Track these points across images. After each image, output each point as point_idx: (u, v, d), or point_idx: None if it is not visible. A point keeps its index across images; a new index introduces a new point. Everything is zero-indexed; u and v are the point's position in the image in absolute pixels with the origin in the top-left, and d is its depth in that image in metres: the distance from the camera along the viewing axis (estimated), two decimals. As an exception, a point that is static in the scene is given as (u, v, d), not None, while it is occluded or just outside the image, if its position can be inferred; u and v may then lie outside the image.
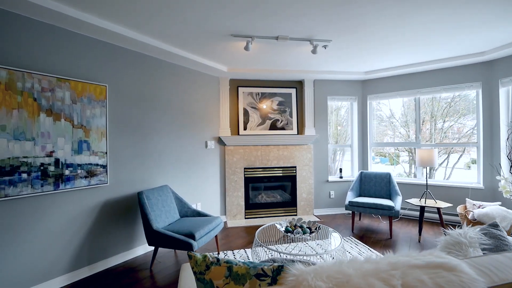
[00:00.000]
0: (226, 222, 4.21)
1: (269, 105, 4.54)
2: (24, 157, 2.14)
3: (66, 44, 2.46)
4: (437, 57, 3.67)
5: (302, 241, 3.12)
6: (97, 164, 2.64)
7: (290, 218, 2.92)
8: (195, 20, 2.53)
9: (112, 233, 2.79)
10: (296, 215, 4.56)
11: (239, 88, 4.45)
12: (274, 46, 3.20)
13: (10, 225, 2.09)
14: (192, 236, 2.48)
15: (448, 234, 1.39)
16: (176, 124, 3.56)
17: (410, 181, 4.41)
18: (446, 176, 4.54)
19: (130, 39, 2.75)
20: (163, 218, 2.78)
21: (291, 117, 4.60)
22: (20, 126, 2.13)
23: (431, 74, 4.08)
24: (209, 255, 1.03)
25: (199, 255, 1.03)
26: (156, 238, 2.54)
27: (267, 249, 2.31)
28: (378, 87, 4.59)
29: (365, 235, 3.55)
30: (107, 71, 2.78)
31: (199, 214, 3.11)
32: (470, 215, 3.18)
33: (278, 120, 4.55)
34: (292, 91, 4.64)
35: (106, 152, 2.72)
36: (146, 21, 2.52)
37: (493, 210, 2.99)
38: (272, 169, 4.51)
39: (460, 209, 3.47)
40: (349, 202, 3.71)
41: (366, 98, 4.72)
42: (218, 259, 1.00)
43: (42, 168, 2.25)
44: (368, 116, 4.73)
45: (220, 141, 4.27)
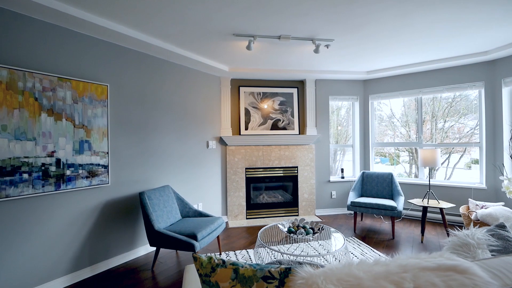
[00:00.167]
0: (228, 222, 4.19)
1: (270, 105, 4.52)
2: (25, 157, 2.13)
3: (67, 43, 2.44)
4: (439, 56, 3.65)
5: (305, 241, 3.11)
6: (98, 164, 2.62)
7: (292, 219, 2.90)
8: (197, 19, 2.51)
9: (114, 233, 2.77)
10: (297, 215, 4.54)
11: (241, 88, 4.43)
12: (276, 45, 3.18)
13: (11, 226, 2.08)
14: (194, 236, 2.46)
15: (454, 235, 1.37)
16: (177, 124, 3.54)
17: (412, 181, 4.40)
18: (447, 176, 4.52)
19: (132, 38, 2.73)
20: (164, 218, 2.76)
21: (293, 117, 4.58)
22: (21, 126, 2.11)
23: (434, 73, 4.06)
24: (214, 257, 1.01)
25: (204, 257, 1.01)
26: (158, 238, 2.52)
27: (269, 250, 2.29)
28: (380, 87, 4.57)
29: (367, 235, 3.54)
30: (109, 71, 2.76)
31: (200, 214, 3.09)
32: (473, 215, 3.16)
33: (280, 120, 4.54)
34: (294, 91, 4.62)
35: (108, 152, 2.70)
36: (147, 20, 2.51)
37: (496, 210, 2.98)
38: (274, 169, 4.49)
39: (463, 209, 3.45)
40: (351, 202, 3.69)
41: (368, 98, 4.70)
42: (223, 261, 0.99)
43: (43, 168, 2.23)
44: (370, 116, 4.71)
45: (221, 141, 4.25)
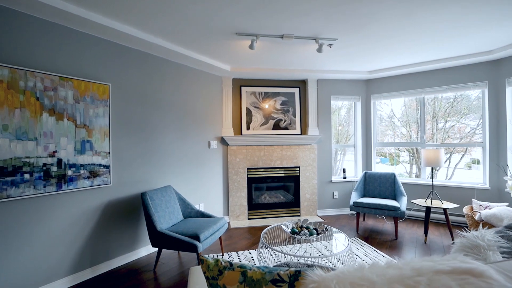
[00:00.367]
0: (229, 222, 4.17)
1: (272, 104, 4.50)
2: (26, 157, 2.10)
3: (69, 42, 2.42)
4: (443, 56, 3.63)
5: (308, 242, 3.08)
6: (100, 164, 2.60)
7: (295, 219, 2.88)
8: (199, 18, 2.49)
9: (115, 234, 2.75)
10: (299, 215, 4.52)
11: (242, 87, 4.41)
12: (278, 44, 3.16)
13: (12, 226, 2.05)
14: (197, 237, 2.44)
15: (463, 237, 1.35)
16: (178, 123, 3.52)
17: (413, 181, 4.38)
18: (448, 176, 4.50)
19: (133, 37, 2.71)
20: (166, 219, 2.74)
21: (295, 116, 4.56)
22: (23, 125, 2.09)
23: (437, 73, 4.04)
24: (221, 259, 0.99)
25: (210, 259, 0.99)
26: (160, 239, 2.50)
27: (273, 250, 2.27)
28: (382, 87, 4.54)
29: (370, 236, 3.51)
30: (110, 70, 2.74)
31: (202, 215, 3.07)
32: (477, 216, 3.14)
33: (281, 120, 4.51)
34: (296, 91, 4.60)
35: (109, 152, 2.68)
36: (149, 18, 2.48)
37: (501, 211, 2.95)
38: (275, 169, 4.47)
39: (466, 209, 3.43)
40: (354, 202, 3.67)
41: (370, 98, 4.68)
42: (231, 263, 0.97)
43: (44, 168, 2.21)
44: (372, 116, 4.69)
45: (223, 141, 4.23)
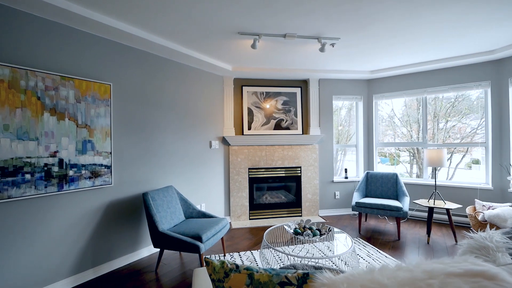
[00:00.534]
0: (231, 223, 4.15)
1: (273, 104, 4.49)
2: (27, 157, 2.09)
3: (70, 42, 2.40)
4: (445, 55, 3.61)
5: (310, 242, 3.07)
6: (101, 165, 2.58)
7: (298, 219, 2.86)
8: (201, 17, 2.47)
9: (117, 234, 2.73)
10: (301, 215, 4.50)
11: (243, 87, 4.39)
12: (280, 44, 3.14)
13: (13, 227, 2.04)
14: (199, 238, 2.42)
15: (471, 238, 1.34)
16: (180, 123, 3.50)
17: (415, 181, 4.36)
18: (449, 176, 4.49)
19: (135, 36, 2.69)
20: (168, 219, 2.72)
21: (296, 116, 4.54)
22: (24, 125, 2.07)
23: (439, 72, 4.02)
24: (227, 261, 0.97)
25: (216, 261, 0.98)
26: (162, 240, 2.48)
27: (275, 251, 2.25)
28: (384, 87, 4.53)
29: (372, 236, 3.50)
30: (111, 70, 2.72)
31: (204, 215, 3.05)
32: (480, 216, 3.12)
33: (283, 119, 4.50)
34: (297, 91, 4.58)
35: (111, 152, 2.66)
36: (150, 18, 2.47)
37: (504, 211, 2.94)
38: (277, 169, 4.45)
39: (469, 210, 3.41)
40: (356, 203, 3.66)
41: (371, 98, 4.66)
42: (237, 265, 0.95)
43: (45, 168, 2.19)
44: (374, 115, 4.67)
45: (224, 141, 4.22)
